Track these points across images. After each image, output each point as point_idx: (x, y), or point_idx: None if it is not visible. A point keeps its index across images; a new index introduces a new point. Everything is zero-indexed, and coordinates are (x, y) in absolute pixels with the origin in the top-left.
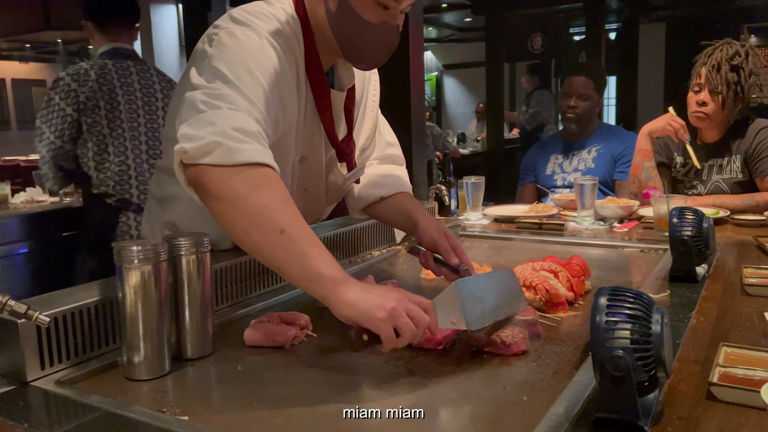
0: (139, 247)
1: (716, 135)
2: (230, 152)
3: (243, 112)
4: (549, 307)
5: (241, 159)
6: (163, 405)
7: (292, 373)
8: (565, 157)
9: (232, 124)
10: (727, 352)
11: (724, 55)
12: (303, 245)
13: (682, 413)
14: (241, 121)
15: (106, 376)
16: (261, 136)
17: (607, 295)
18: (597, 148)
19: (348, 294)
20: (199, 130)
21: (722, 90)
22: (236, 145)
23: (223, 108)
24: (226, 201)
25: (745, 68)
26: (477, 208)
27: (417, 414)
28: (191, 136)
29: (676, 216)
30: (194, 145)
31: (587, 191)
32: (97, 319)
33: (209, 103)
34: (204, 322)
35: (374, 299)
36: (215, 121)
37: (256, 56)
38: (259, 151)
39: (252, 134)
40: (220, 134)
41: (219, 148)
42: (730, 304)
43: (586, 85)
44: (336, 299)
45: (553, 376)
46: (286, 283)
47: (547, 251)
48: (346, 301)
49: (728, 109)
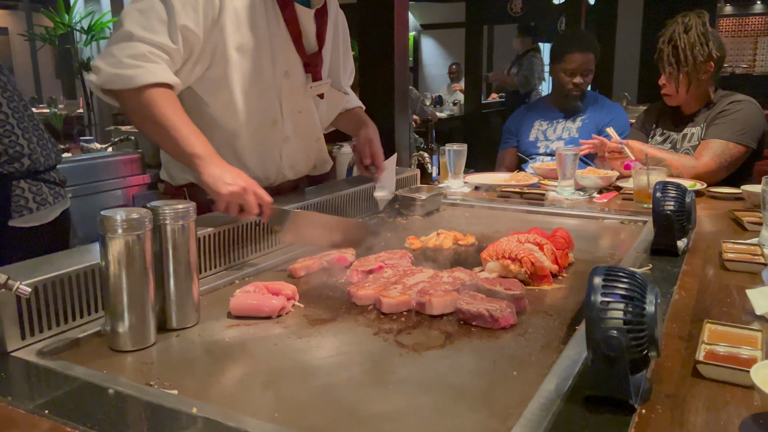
0: (123, 215)
1: (694, 106)
2: (124, 80)
3: (138, 42)
4: (534, 280)
5: (132, 85)
6: (150, 378)
7: (281, 345)
8: (549, 125)
9: (128, 53)
10: (711, 329)
11: (666, 37)
12: (179, 134)
13: (669, 390)
14: (134, 48)
15: (89, 346)
16: (153, 54)
17: (602, 274)
18: (582, 117)
19: (207, 169)
20: (104, 62)
21: (670, 71)
22: (126, 73)
23: (122, 43)
24: (132, 115)
25: (681, 44)
26: (458, 175)
27: (408, 388)
28: (97, 67)
29: (659, 191)
30: (99, 78)
31: (569, 161)
32: (79, 288)
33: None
34: (189, 292)
35: (224, 178)
36: (115, 53)
37: None
38: (147, 73)
39: (144, 57)
40: (117, 65)
41: (114, 79)
42: (711, 279)
43: (590, 61)
44: (198, 171)
45: (541, 350)
46: (269, 250)
47: (529, 221)
48: (203, 173)
49: (690, 84)
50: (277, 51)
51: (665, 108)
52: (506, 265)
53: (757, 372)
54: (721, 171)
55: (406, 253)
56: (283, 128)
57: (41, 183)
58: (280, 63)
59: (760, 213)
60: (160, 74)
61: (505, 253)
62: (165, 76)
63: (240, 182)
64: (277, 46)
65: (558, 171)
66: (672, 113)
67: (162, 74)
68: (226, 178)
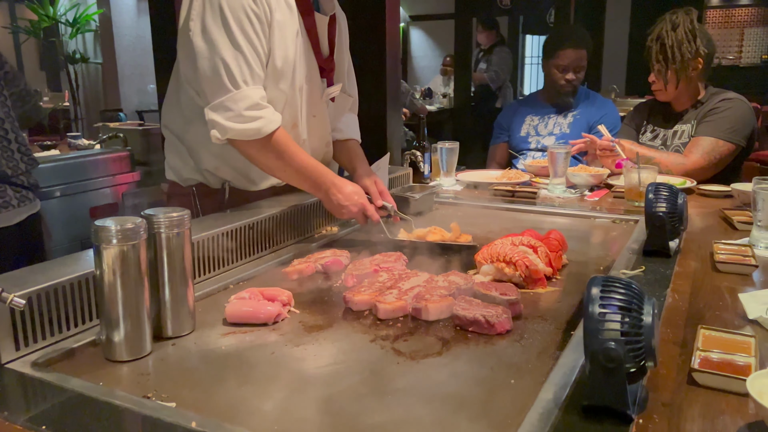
0: (118, 226)
1: (685, 103)
2: (251, 133)
3: (245, 86)
4: (528, 283)
5: (261, 135)
6: (148, 389)
7: (278, 353)
8: (540, 120)
9: (245, 105)
10: (705, 335)
11: (654, 35)
12: (315, 172)
13: (665, 399)
14: (248, 98)
15: (84, 356)
16: (263, 99)
17: (600, 285)
18: (574, 113)
19: (331, 197)
20: (221, 117)
21: (659, 68)
22: (252, 127)
23: (230, 89)
24: (263, 163)
25: (669, 42)
26: (451, 173)
27: (407, 399)
28: (217, 123)
29: (651, 192)
30: (224, 135)
31: (560, 159)
32: (74, 297)
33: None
34: (185, 300)
35: (341, 202)
36: (231, 107)
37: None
38: (268, 122)
39: (258, 106)
40: (238, 118)
41: (242, 133)
42: (703, 281)
43: (583, 57)
44: (326, 199)
45: (538, 357)
46: (263, 254)
47: (521, 220)
48: (330, 200)
49: (679, 82)
50: (300, 58)
51: (656, 104)
52: (501, 268)
53: (753, 383)
54: (710, 168)
55: (400, 255)
56: (300, 131)
57: (6, 185)
58: (302, 69)
59: (749, 212)
60: (276, 119)
61: (499, 256)
62: (279, 118)
63: (353, 207)
64: (301, 53)
65: (549, 169)
66: (663, 110)
67: (277, 118)
68: (343, 201)
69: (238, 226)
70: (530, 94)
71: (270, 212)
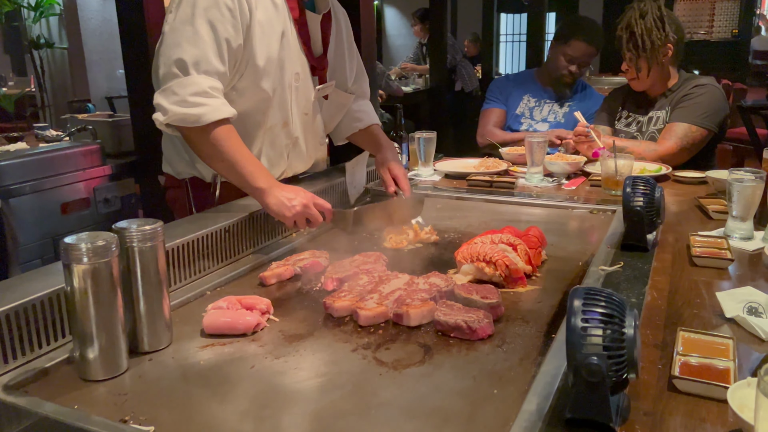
0: (89, 243)
1: (659, 89)
2: (191, 119)
3: (195, 73)
4: (508, 283)
5: (200, 123)
6: (125, 412)
7: (258, 366)
8: (537, 103)
9: (190, 91)
10: (684, 337)
11: (623, 24)
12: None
13: (647, 408)
14: (196, 84)
15: (58, 375)
16: (213, 89)
17: (582, 297)
18: (570, 103)
19: (268, 199)
20: (167, 100)
21: (630, 57)
22: (193, 112)
23: (179, 75)
24: (199, 150)
25: (638, 30)
26: (428, 163)
27: (391, 414)
28: (161, 106)
29: (629, 186)
30: (165, 118)
31: (537, 148)
32: (44, 315)
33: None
34: (160, 313)
35: (285, 202)
36: (177, 91)
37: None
38: (212, 110)
39: (205, 93)
40: (181, 103)
41: (182, 118)
42: (680, 277)
43: (591, 54)
44: (263, 202)
45: (520, 363)
46: (239, 256)
47: (500, 212)
48: (267, 203)
49: (651, 69)
50: (289, 55)
51: (630, 91)
52: (481, 267)
53: (734, 394)
54: (683, 154)
55: (380, 255)
56: (292, 130)
57: None
58: (291, 67)
59: (724, 200)
60: (224, 110)
61: (479, 255)
62: (227, 110)
63: (300, 201)
64: (289, 51)
65: (527, 158)
66: (637, 96)
67: (224, 110)
68: (287, 201)
69: (213, 230)
70: (524, 72)
71: (244, 214)
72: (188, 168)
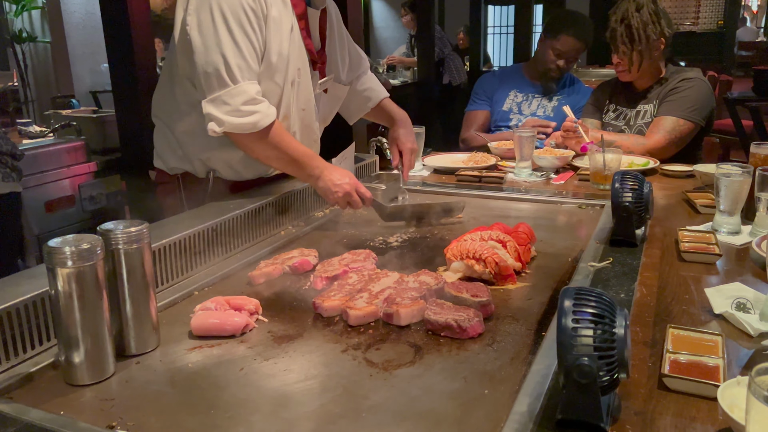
0: (73, 247)
1: (647, 82)
2: (247, 127)
3: (242, 81)
4: (498, 280)
5: (257, 129)
6: (112, 418)
7: (247, 369)
8: (525, 98)
9: (241, 100)
10: (674, 334)
11: (617, 17)
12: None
13: (637, 407)
14: (245, 93)
15: (44, 380)
16: (259, 94)
17: (572, 297)
18: (558, 97)
19: (318, 183)
20: (219, 111)
21: (624, 50)
22: (249, 121)
23: (228, 84)
24: (256, 153)
25: (635, 23)
26: (417, 158)
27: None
28: (214, 116)
29: (618, 182)
30: (221, 128)
31: (525, 143)
32: (29, 319)
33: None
34: (147, 315)
35: (330, 187)
36: (228, 101)
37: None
38: (264, 116)
39: (254, 101)
40: (235, 113)
41: (239, 127)
42: (669, 273)
43: (580, 50)
44: (315, 183)
45: (511, 362)
46: (227, 255)
47: (490, 207)
48: (316, 186)
49: (643, 61)
50: (293, 51)
51: (618, 84)
52: (471, 265)
53: (724, 393)
54: (671, 147)
55: (370, 253)
56: (290, 123)
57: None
58: (294, 62)
59: (711, 194)
60: (272, 113)
61: (469, 252)
62: (274, 113)
63: (345, 186)
64: (293, 46)
65: (516, 152)
66: (625, 90)
67: (272, 112)
68: (332, 187)
69: (201, 229)
70: (512, 66)
71: (232, 212)
72: (181, 163)
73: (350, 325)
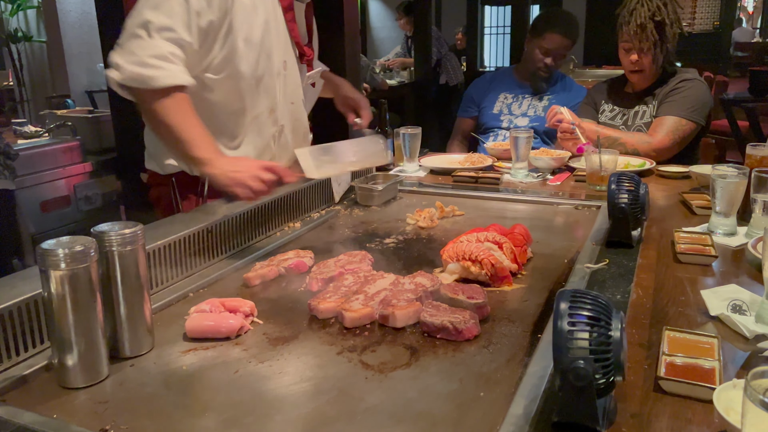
0: (66, 249)
1: (646, 83)
2: (144, 79)
3: (158, 37)
4: (494, 281)
5: (154, 85)
6: (105, 421)
7: (242, 371)
8: (515, 99)
9: (151, 53)
10: (670, 336)
11: (646, 12)
12: (186, 136)
13: (633, 410)
14: (156, 47)
15: (37, 383)
16: (173, 56)
17: (568, 300)
18: (549, 97)
19: (212, 170)
20: (123, 59)
21: (650, 48)
22: (148, 73)
23: (143, 37)
24: (148, 115)
25: (668, 21)
26: (413, 159)
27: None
28: (115, 63)
29: (614, 183)
30: (120, 77)
31: (522, 143)
32: (22, 321)
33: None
34: (142, 317)
35: (228, 174)
36: (135, 51)
37: None
38: (169, 75)
39: (165, 58)
40: (139, 64)
41: (137, 78)
42: (665, 274)
43: (567, 47)
44: (206, 173)
45: (506, 364)
46: (222, 257)
47: (486, 208)
48: (211, 175)
49: (663, 61)
50: (277, 43)
51: (614, 84)
52: (467, 266)
53: (720, 396)
54: (674, 147)
55: (366, 254)
56: (278, 117)
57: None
58: (279, 55)
59: (707, 195)
60: (180, 76)
61: (465, 254)
62: (183, 78)
63: (246, 169)
64: (278, 39)
65: (512, 153)
66: (622, 90)
67: (181, 76)
68: (231, 172)
69: (195, 230)
70: (503, 69)
71: (227, 213)
72: (171, 163)
73: (346, 327)
